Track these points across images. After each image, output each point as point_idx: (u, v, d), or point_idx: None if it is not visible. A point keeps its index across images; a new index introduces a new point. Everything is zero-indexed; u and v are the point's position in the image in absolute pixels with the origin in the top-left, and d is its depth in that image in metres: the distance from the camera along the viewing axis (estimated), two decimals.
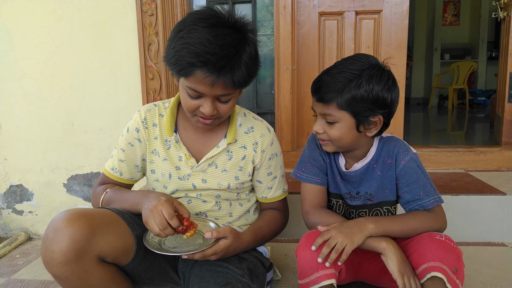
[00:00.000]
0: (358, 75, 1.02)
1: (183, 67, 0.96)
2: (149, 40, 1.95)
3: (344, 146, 1.12)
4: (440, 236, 1.01)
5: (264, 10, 2.21)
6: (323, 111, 1.07)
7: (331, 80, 1.04)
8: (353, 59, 1.06)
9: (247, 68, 0.99)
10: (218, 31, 0.96)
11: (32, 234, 2.19)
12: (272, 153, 1.22)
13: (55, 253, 0.90)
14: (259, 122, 1.23)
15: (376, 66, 1.05)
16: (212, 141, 1.19)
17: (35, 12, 2.01)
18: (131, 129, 1.19)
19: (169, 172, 1.18)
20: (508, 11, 2.19)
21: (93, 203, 1.22)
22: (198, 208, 1.21)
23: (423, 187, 1.10)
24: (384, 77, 1.04)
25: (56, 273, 0.93)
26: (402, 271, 0.98)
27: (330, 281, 1.00)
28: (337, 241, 0.99)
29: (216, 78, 0.96)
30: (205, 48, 0.94)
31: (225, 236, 1.04)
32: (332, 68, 1.08)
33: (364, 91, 1.02)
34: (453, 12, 7.44)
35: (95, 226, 0.95)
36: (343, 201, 1.20)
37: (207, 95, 1.01)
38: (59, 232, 0.91)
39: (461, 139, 3.67)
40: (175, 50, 0.97)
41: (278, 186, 1.27)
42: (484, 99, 6.59)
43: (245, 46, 0.99)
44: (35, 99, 2.08)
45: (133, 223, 1.07)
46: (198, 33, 0.95)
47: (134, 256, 1.04)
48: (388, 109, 1.06)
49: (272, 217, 1.26)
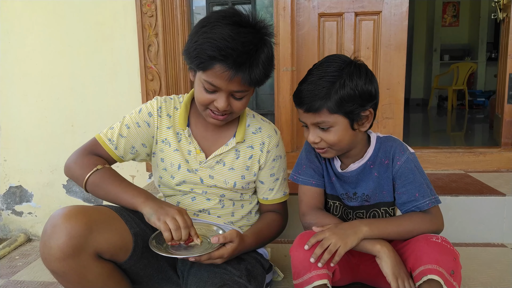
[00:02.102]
0: (339, 76, 1.03)
1: (203, 60, 1.00)
2: (149, 41, 1.95)
3: (344, 148, 1.11)
4: (436, 238, 1.01)
5: (264, 11, 2.21)
6: (314, 120, 1.06)
7: (315, 88, 1.03)
8: (328, 62, 1.07)
9: (264, 67, 1.03)
10: (241, 29, 1.00)
11: (32, 235, 2.19)
12: (276, 155, 1.24)
13: (53, 249, 0.91)
14: (267, 124, 1.27)
15: (351, 63, 1.06)
16: (221, 139, 1.21)
17: (35, 13, 2.01)
18: (144, 111, 1.21)
19: (178, 163, 1.19)
20: (508, 12, 2.20)
21: (73, 169, 1.13)
22: (202, 205, 1.22)
23: (418, 188, 1.09)
24: (363, 71, 1.05)
25: (54, 269, 0.94)
26: (396, 274, 0.98)
27: (323, 281, 1.00)
28: (331, 242, 0.99)
29: (235, 73, 0.99)
30: (227, 43, 0.97)
31: (232, 240, 1.05)
32: (309, 76, 1.08)
33: (350, 89, 1.02)
34: (452, 13, 7.45)
35: (92, 223, 0.96)
36: (340, 202, 1.20)
37: (223, 90, 1.04)
38: (57, 228, 0.92)
39: (461, 140, 3.68)
40: (197, 44, 1.00)
41: (280, 188, 1.28)
42: (484, 100, 6.60)
43: (264, 46, 1.04)
44: (34, 100, 2.08)
45: (130, 220, 1.07)
46: (221, 29, 0.99)
47: (131, 254, 1.04)
48: (375, 100, 1.07)
49: (272, 219, 1.27)
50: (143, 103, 1.24)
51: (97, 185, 1.09)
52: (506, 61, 2.12)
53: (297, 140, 2.14)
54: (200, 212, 1.22)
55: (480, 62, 7.19)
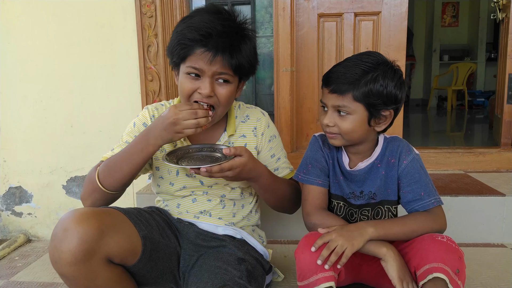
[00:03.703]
0: (374, 68, 1.04)
1: (184, 46, 1.02)
2: (149, 41, 1.95)
3: (354, 139, 1.11)
4: (441, 237, 1.01)
5: (263, 12, 2.22)
6: (336, 102, 1.07)
7: (347, 72, 1.05)
8: (367, 54, 1.08)
9: (247, 55, 1.05)
10: (220, 15, 1.03)
11: (31, 236, 2.18)
12: (270, 135, 1.26)
13: (64, 253, 0.90)
14: (253, 109, 1.28)
15: (389, 63, 1.07)
16: (213, 137, 1.21)
17: (35, 14, 2.01)
18: (138, 124, 1.21)
19: (176, 169, 1.19)
20: (507, 12, 2.20)
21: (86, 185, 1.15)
22: (203, 207, 1.22)
23: (424, 187, 1.10)
24: (397, 75, 1.07)
25: (64, 273, 0.93)
26: (401, 278, 0.99)
27: (329, 283, 0.99)
28: (337, 244, 0.99)
29: (215, 52, 1.00)
30: (206, 24, 1.00)
31: (241, 154, 1.04)
32: (345, 61, 1.09)
33: (380, 85, 1.03)
34: (452, 13, 7.45)
35: (104, 227, 0.95)
36: (344, 202, 1.20)
37: (205, 73, 1.04)
38: (68, 232, 0.91)
39: (460, 140, 3.68)
40: (177, 32, 1.04)
41: (284, 166, 1.29)
42: (483, 100, 6.60)
43: (245, 36, 1.06)
44: (34, 101, 2.08)
45: (139, 223, 1.07)
46: (200, 17, 1.03)
47: (140, 257, 1.04)
48: (398, 105, 1.09)
49: (286, 179, 1.27)
50: (135, 118, 1.23)
51: (109, 173, 1.09)
52: (505, 61, 2.12)
53: (297, 140, 2.14)
54: (201, 214, 1.22)
55: (479, 62, 7.18)
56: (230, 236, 1.20)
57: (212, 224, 1.21)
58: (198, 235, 1.19)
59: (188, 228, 1.20)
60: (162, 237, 1.13)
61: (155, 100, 1.98)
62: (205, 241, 1.18)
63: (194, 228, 1.20)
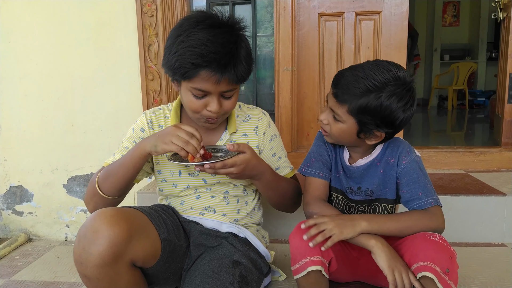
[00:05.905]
0: (380, 88, 1.01)
1: (187, 69, 1.00)
2: (149, 41, 1.95)
3: (341, 143, 1.17)
4: (433, 236, 1.01)
5: (264, 11, 2.21)
6: (333, 107, 1.09)
7: (353, 82, 1.03)
8: (384, 68, 1.03)
9: (246, 62, 1.04)
10: (216, 30, 1.00)
11: (32, 235, 2.19)
12: (272, 135, 1.28)
13: (93, 255, 0.90)
14: (254, 109, 1.30)
15: (403, 84, 1.03)
16: (215, 136, 1.22)
17: (35, 13, 2.01)
18: (136, 129, 1.22)
19: (178, 169, 1.20)
20: (508, 12, 2.20)
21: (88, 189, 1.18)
22: (207, 203, 1.22)
23: (422, 187, 1.10)
24: (406, 97, 1.03)
25: (88, 274, 0.92)
26: (392, 267, 0.98)
27: (316, 267, 1.01)
28: (327, 227, 1.01)
29: (221, 75, 1.00)
30: (208, 47, 0.97)
31: (244, 150, 1.06)
32: (359, 68, 1.05)
33: (379, 107, 1.01)
34: (452, 13, 7.45)
35: (133, 231, 0.96)
36: (343, 196, 1.23)
37: (212, 93, 1.05)
38: (99, 234, 0.90)
39: (461, 139, 3.68)
40: (178, 55, 1.00)
41: (284, 165, 1.31)
42: (484, 100, 6.59)
43: (241, 42, 1.04)
44: (35, 100, 2.08)
45: (159, 225, 1.08)
46: (198, 35, 0.99)
47: (158, 260, 1.05)
48: (394, 130, 1.07)
49: (287, 178, 1.29)
50: (133, 124, 1.24)
51: (106, 178, 1.11)
52: (506, 60, 2.12)
53: (297, 140, 2.14)
54: (205, 210, 1.22)
55: (480, 62, 7.18)
56: (233, 234, 1.21)
57: (217, 221, 1.22)
58: (200, 234, 1.19)
59: (192, 227, 1.21)
60: (177, 238, 1.14)
61: (155, 100, 1.98)
62: (206, 240, 1.18)
63: (198, 227, 1.21)
